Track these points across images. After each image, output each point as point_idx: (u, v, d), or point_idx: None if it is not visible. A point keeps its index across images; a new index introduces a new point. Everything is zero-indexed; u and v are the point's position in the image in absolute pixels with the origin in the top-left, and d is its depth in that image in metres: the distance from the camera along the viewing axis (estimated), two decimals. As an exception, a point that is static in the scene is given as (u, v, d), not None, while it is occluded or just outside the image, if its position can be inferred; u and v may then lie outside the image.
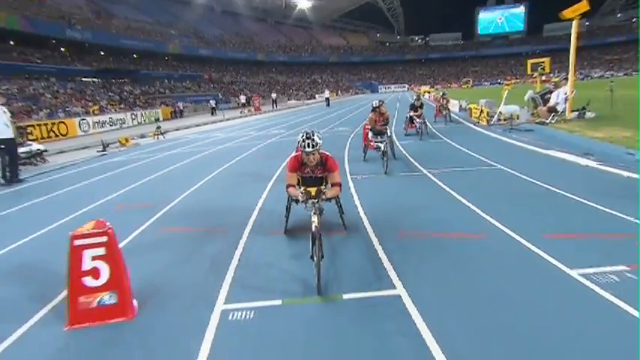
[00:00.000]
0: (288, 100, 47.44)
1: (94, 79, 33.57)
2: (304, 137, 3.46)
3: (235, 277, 3.31)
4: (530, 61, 14.68)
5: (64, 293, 3.10)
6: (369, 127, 7.66)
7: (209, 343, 2.46)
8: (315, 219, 3.18)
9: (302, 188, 3.48)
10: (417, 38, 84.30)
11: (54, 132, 18.57)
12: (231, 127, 20.03)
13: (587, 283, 2.84)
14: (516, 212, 4.37)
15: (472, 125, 12.80)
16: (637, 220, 3.85)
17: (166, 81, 41.32)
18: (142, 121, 25.42)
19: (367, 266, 3.35)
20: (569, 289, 2.80)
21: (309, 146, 3.43)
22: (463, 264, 3.29)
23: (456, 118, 14.98)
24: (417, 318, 2.56)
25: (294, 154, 3.86)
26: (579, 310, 2.56)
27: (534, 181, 5.65)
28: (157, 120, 25.91)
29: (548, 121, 11.30)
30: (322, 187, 3.69)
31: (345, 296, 2.88)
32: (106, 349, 2.50)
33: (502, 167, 6.63)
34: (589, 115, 11.42)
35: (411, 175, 6.64)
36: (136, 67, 40.08)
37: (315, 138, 3.45)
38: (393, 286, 2.97)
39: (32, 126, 17.19)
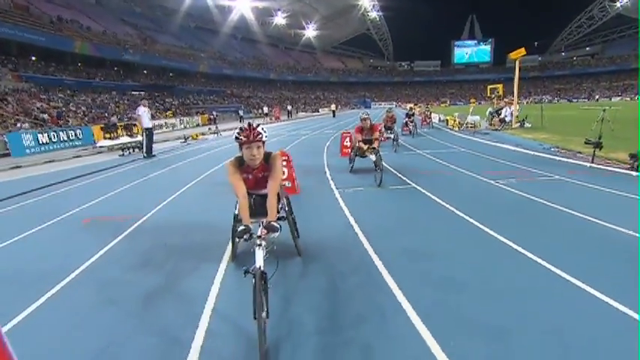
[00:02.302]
0: (297, 112, 50.35)
1: (141, 92, 36.31)
2: (363, 112, 6.48)
3: (336, 183, 6.19)
4: (489, 87, 17.72)
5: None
6: (383, 124, 10.54)
7: (340, 197, 5.30)
8: (373, 157, 6.04)
9: (364, 145, 6.36)
10: (403, 64, 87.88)
11: (129, 130, 21.33)
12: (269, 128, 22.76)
13: (498, 184, 5.72)
14: (469, 165, 7.27)
15: (448, 130, 15.77)
16: (525, 167, 6.80)
17: (197, 95, 44.12)
18: (187, 126, 28.19)
19: (397, 179, 6.27)
20: (489, 185, 5.72)
21: (365, 114, 6.43)
22: (440, 179, 6.22)
23: (437, 126, 17.95)
24: (422, 190, 5.43)
25: (356, 126, 6.74)
26: (492, 191, 5.46)
27: (483, 155, 8.57)
28: (198, 125, 29.03)
29: (500, 128, 14.29)
30: (372, 145, 6.51)
31: (390, 187, 5.76)
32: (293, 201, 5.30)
33: (465, 150, 9.56)
34: (527, 125, 14.46)
35: (410, 153, 9.55)
36: (173, 84, 42.89)
37: (369, 113, 6.48)
38: (409, 184, 5.86)
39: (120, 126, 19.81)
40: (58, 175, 8.54)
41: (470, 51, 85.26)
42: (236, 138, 2.57)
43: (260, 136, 2.55)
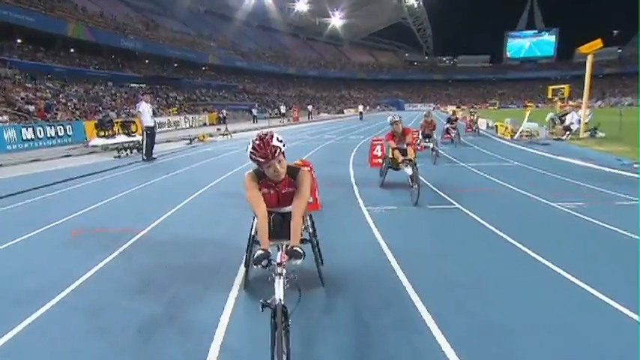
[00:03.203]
0: (319, 113, 50.91)
1: (142, 85, 37.56)
2: (394, 115, 6.57)
3: (364, 200, 6.19)
4: (551, 87, 17.40)
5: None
6: (420, 131, 10.52)
7: (369, 217, 5.28)
8: (409, 170, 6.01)
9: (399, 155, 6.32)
10: (444, 59, 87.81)
11: (126, 129, 21.94)
12: (281, 132, 23.11)
13: (562, 208, 5.55)
14: (525, 183, 7.08)
15: (497, 139, 15.55)
16: (598, 188, 6.59)
17: (204, 90, 45.35)
18: (193, 125, 28.99)
19: (436, 197, 6.22)
20: (550, 209, 5.56)
21: (395, 117, 6.52)
22: (488, 199, 6.12)
23: (484, 133, 17.71)
24: (467, 212, 5.34)
25: (387, 132, 6.76)
26: (554, 216, 5.30)
27: (543, 171, 8.36)
28: (205, 124, 30.02)
29: (564, 138, 13.94)
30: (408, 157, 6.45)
31: (429, 207, 5.71)
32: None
33: (519, 164, 9.36)
34: (599, 134, 14.04)
35: (452, 166, 9.47)
36: (178, 76, 44.28)
37: (400, 116, 6.57)
38: (452, 204, 5.81)
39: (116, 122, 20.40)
40: (44, 176, 8.90)
41: (528, 43, 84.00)
42: (251, 158, 2.61)
43: (278, 150, 2.58)
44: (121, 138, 14.30)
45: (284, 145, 2.64)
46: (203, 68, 50.16)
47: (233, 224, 5.00)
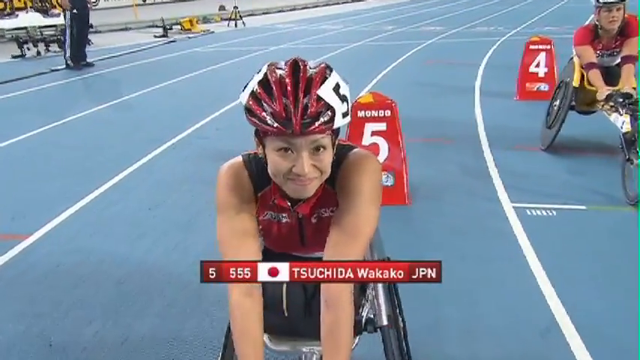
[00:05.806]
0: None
1: None
2: None
3: (506, 181, 5.30)
4: None
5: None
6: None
7: (521, 227, 4.34)
8: (622, 119, 4.79)
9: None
10: None
11: (41, 1, 19.11)
12: (337, 16, 23.93)
13: None
14: None
15: None
16: None
17: None
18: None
19: None
20: None
21: None
22: None
23: None
24: None
25: (580, 28, 5.41)
26: None
27: None
28: None
29: None
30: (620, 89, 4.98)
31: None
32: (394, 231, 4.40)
33: None
34: None
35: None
36: None
37: None
38: None
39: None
40: None
41: None
42: (249, 114, 1.54)
43: (326, 113, 1.50)
44: (30, 19, 14.35)
45: (347, 114, 1.59)
46: None
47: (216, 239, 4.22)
